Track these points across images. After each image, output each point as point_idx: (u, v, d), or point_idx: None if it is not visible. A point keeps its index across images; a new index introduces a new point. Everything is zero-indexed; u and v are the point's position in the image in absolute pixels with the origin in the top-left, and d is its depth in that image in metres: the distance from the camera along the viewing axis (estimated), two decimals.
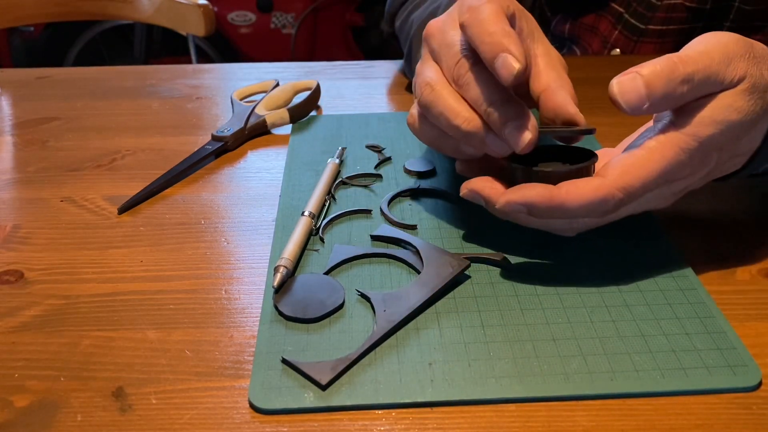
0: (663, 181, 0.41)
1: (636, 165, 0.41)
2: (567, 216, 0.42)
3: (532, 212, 0.42)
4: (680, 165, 0.41)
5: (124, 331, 0.41)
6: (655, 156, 0.41)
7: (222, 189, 0.56)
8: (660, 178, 0.41)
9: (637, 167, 0.41)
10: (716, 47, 0.40)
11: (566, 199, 0.41)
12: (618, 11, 0.84)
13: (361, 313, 0.42)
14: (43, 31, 2.27)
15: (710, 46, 0.40)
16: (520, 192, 0.42)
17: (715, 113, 0.40)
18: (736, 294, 0.44)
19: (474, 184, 0.45)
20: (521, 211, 0.42)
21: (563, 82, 0.46)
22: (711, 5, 0.78)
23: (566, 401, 0.36)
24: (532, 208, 0.41)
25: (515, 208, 0.42)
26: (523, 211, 0.42)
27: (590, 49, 0.88)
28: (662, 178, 0.41)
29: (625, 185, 0.40)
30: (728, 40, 0.41)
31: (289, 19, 2.37)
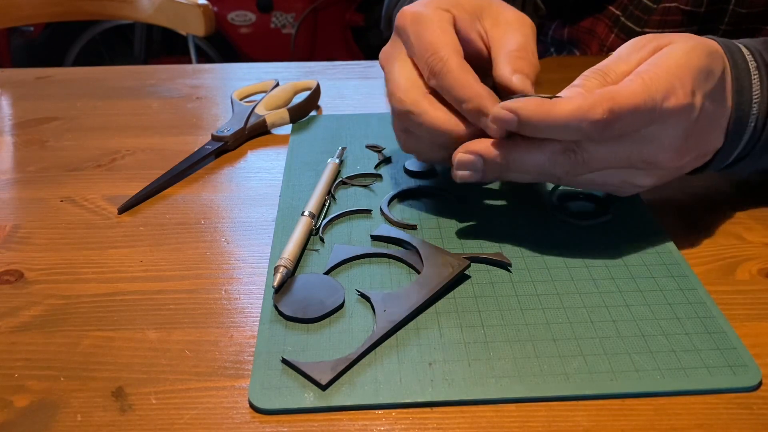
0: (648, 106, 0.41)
1: (623, 85, 0.41)
2: (555, 130, 0.41)
3: (522, 124, 0.41)
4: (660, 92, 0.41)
5: (124, 331, 0.41)
6: (637, 83, 0.41)
7: (222, 189, 0.56)
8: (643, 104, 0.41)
9: (624, 86, 0.41)
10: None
11: (555, 108, 0.41)
12: (614, 14, 0.85)
13: (361, 313, 0.42)
14: (43, 31, 2.27)
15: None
16: (511, 103, 0.42)
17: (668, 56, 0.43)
18: (736, 294, 0.44)
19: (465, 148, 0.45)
20: (512, 120, 0.42)
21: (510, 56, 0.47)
22: (706, 8, 0.79)
23: (566, 401, 0.36)
24: (522, 116, 0.41)
25: (507, 115, 0.42)
26: (514, 120, 0.41)
27: (589, 52, 0.88)
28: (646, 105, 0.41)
29: (612, 97, 0.40)
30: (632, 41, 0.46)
31: (289, 19, 2.37)
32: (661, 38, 0.45)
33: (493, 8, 0.50)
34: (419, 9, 0.48)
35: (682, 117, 0.42)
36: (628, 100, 0.40)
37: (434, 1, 0.49)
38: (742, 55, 0.46)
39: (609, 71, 0.44)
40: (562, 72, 0.77)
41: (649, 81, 0.41)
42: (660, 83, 0.41)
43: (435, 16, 0.48)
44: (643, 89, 0.41)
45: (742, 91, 0.45)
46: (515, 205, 0.52)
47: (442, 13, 0.48)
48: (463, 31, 0.49)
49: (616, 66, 0.44)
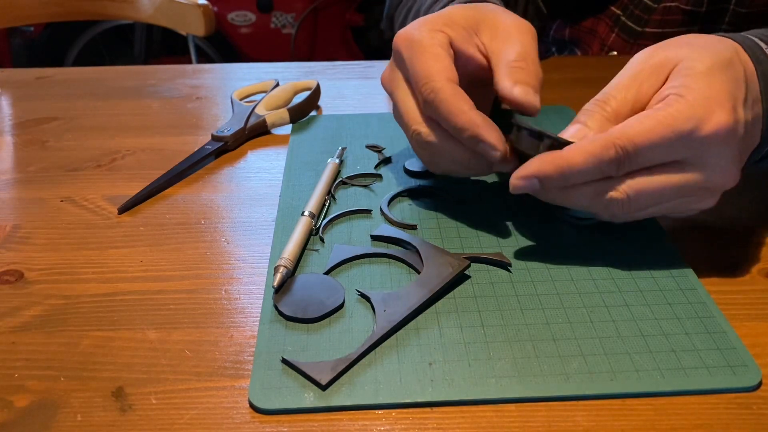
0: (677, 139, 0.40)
1: (640, 119, 0.41)
2: (576, 176, 0.41)
3: (544, 183, 0.42)
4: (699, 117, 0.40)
5: (124, 331, 0.41)
6: (662, 113, 0.40)
7: (222, 189, 0.56)
8: (670, 133, 0.40)
9: (641, 120, 0.41)
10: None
11: (568, 162, 0.41)
12: (615, 14, 0.85)
13: (361, 313, 0.42)
14: (43, 31, 2.27)
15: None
16: (527, 166, 0.42)
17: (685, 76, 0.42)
18: (736, 294, 0.44)
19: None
20: (535, 185, 0.42)
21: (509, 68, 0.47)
22: (706, 8, 0.79)
23: (566, 401, 0.36)
24: (542, 176, 0.42)
25: (529, 182, 0.42)
26: (536, 184, 0.42)
27: (590, 52, 0.88)
28: (673, 134, 0.40)
29: (626, 136, 0.40)
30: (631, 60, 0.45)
31: (289, 19, 2.37)
32: (665, 51, 0.44)
33: (490, 19, 0.49)
34: (413, 33, 0.48)
35: (729, 137, 0.41)
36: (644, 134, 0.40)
37: (429, 21, 0.49)
38: (762, 49, 0.45)
39: (609, 100, 0.43)
40: (563, 72, 0.77)
41: (677, 110, 0.40)
42: (693, 109, 0.40)
43: (428, 41, 0.47)
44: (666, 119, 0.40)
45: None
46: (515, 205, 0.52)
47: (435, 35, 0.48)
48: (461, 49, 0.49)
49: (617, 94, 0.44)
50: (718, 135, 0.40)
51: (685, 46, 0.44)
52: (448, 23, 0.49)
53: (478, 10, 0.50)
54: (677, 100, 0.41)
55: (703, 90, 0.41)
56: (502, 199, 0.53)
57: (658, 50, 0.44)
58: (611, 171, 0.41)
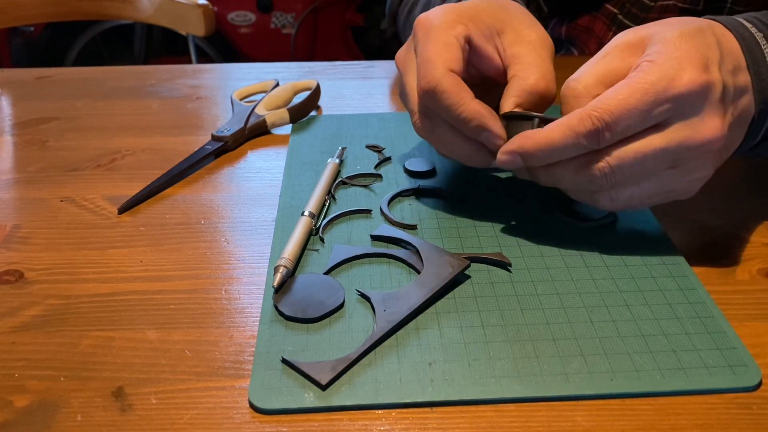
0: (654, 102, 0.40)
1: (614, 89, 0.41)
2: (558, 153, 0.42)
3: (526, 160, 0.44)
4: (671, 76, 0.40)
5: (124, 331, 0.41)
6: (633, 79, 0.41)
7: (222, 189, 0.56)
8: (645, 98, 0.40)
9: (614, 90, 0.41)
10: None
11: (548, 132, 0.42)
12: (612, 12, 0.85)
13: (361, 313, 0.42)
14: (43, 31, 2.27)
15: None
16: (511, 142, 0.44)
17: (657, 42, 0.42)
18: (736, 294, 0.44)
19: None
20: (517, 160, 0.44)
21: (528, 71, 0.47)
22: (703, 6, 0.79)
23: (566, 401, 0.36)
24: (523, 151, 0.43)
25: (511, 157, 0.44)
26: (518, 160, 0.44)
27: (587, 51, 0.88)
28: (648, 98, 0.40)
29: (600, 107, 0.41)
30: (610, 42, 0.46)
31: (289, 19, 2.37)
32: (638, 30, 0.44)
33: (516, 24, 0.49)
34: (433, 19, 0.48)
35: (705, 90, 0.41)
36: (619, 103, 0.40)
37: (455, 10, 0.49)
38: (745, 27, 0.45)
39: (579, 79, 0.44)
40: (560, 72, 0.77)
41: (647, 73, 0.41)
42: (663, 69, 0.41)
43: (443, 29, 0.47)
44: (638, 84, 0.41)
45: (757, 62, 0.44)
46: (516, 205, 0.52)
47: (455, 27, 0.48)
48: (479, 46, 0.49)
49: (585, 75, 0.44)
50: (692, 89, 0.40)
51: (657, 24, 0.44)
52: (473, 17, 0.49)
53: (507, 11, 0.50)
54: (648, 65, 0.41)
55: (671, 52, 0.41)
56: (502, 200, 0.53)
57: (630, 31, 0.45)
58: (592, 144, 0.42)
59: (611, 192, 0.44)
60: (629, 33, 0.45)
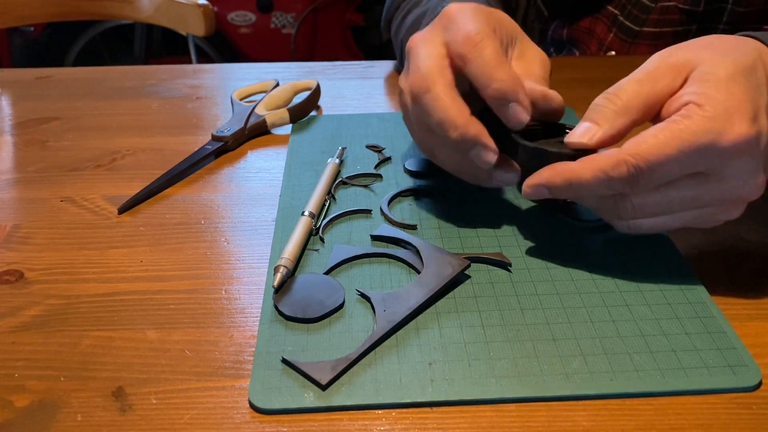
0: (702, 152, 0.38)
1: (654, 134, 0.39)
2: (587, 189, 0.41)
3: (553, 191, 0.43)
4: (718, 129, 0.38)
5: (124, 331, 0.41)
6: (679, 125, 0.39)
7: (222, 189, 0.56)
8: (687, 149, 0.38)
9: (655, 135, 0.39)
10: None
11: (578, 174, 0.41)
12: (613, 13, 0.85)
13: (361, 313, 0.42)
14: (43, 31, 2.27)
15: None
16: (539, 175, 0.43)
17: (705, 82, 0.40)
18: (736, 294, 0.44)
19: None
20: (543, 193, 0.43)
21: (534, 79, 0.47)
22: (704, 7, 0.79)
23: (566, 401, 0.36)
24: (551, 190, 0.43)
25: (538, 190, 0.43)
26: (545, 192, 0.43)
27: (588, 52, 0.89)
28: (690, 149, 0.38)
29: (637, 152, 0.39)
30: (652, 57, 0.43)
31: (289, 19, 2.37)
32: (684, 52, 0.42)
33: (523, 42, 0.50)
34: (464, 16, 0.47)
35: (751, 148, 0.39)
36: (658, 151, 0.39)
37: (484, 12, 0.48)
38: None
39: (620, 93, 0.42)
40: (561, 72, 0.77)
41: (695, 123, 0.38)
42: (712, 122, 0.38)
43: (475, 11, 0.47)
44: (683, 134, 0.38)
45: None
46: (516, 205, 0.52)
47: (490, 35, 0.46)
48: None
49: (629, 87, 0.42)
50: (738, 147, 0.38)
51: (706, 48, 0.42)
52: (498, 23, 0.48)
53: (515, 26, 0.50)
54: (695, 110, 0.39)
55: (722, 100, 0.39)
56: (502, 200, 0.53)
57: (677, 50, 0.43)
58: (624, 189, 0.41)
59: (630, 222, 0.43)
60: (674, 54, 0.42)
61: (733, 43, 0.42)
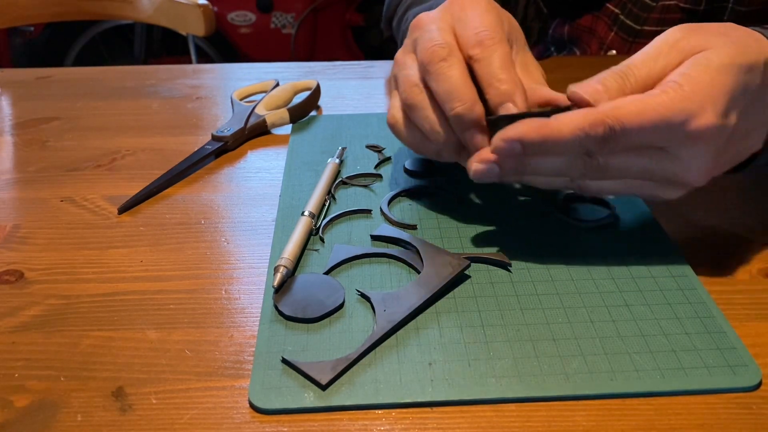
0: (669, 128, 0.39)
1: (633, 101, 0.40)
2: (559, 146, 0.41)
3: (525, 147, 0.41)
4: (688, 113, 0.39)
5: (124, 331, 0.41)
6: (657, 99, 0.40)
7: (222, 189, 0.56)
8: (663, 122, 0.39)
9: (634, 102, 0.40)
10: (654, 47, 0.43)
11: (556, 127, 0.40)
12: (614, 12, 0.85)
13: (361, 313, 0.42)
14: (43, 31, 2.27)
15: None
16: (513, 128, 0.41)
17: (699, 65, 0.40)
18: (736, 294, 0.44)
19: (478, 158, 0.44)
20: (515, 147, 0.41)
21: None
22: (705, 6, 0.79)
23: (566, 401, 0.36)
24: (526, 141, 0.41)
25: (510, 143, 0.41)
26: (518, 147, 0.41)
27: (589, 51, 0.89)
28: (665, 123, 0.39)
29: (617, 115, 0.39)
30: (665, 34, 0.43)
31: (289, 19, 2.37)
32: (697, 37, 0.42)
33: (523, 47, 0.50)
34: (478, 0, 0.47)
35: (711, 139, 0.40)
36: (633, 116, 0.39)
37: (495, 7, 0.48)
38: None
39: (629, 73, 0.42)
40: (562, 72, 0.77)
41: (671, 99, 0.39)
42: (687, 102, 0.39)
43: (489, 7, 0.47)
44: (659, 107, 0.39)
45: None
46: (516, 205, 0.52)
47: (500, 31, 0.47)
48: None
49: (639, 68, 0.42)
50: (700, 133, 0.39)
51: (719, 35, 0.42)
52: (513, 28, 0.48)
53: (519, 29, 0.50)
54: (675, 88, 0.40)
55: (704, 85, 0.40)
56: (502, 200, 0.53)
57: (692, 34, 0.42)
58: (593, 147, 0.41)
59: (581, 182, 0.43)
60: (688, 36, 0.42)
61: (748, 38, 0.42)
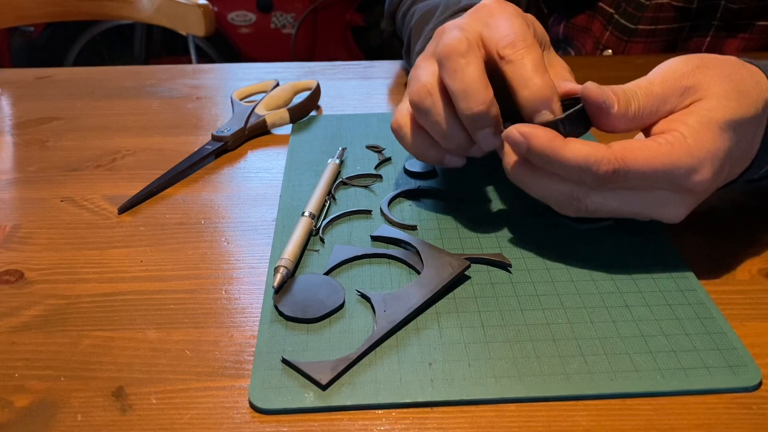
0: (666, 179, 0.41)
1: (641, 147, 0.41)
2: (560, 168, 0.41)
3: (529, 152, 0.42)
4: (688, 169, 0.40)
5: (124, 331, 0.41)
6: (663, 149, 0.40)
7: (222, 189, 0.56)
8: (663, 173, 0.40)
9: (642, 149, 0.41)
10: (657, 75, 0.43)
11: (563, 148, 0.41)
12: (608, 12, 0.85)
13: (361, 313, 0.42)
14: (43, 31, 2.27)
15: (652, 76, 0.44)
16: (529, 127, 0.42)
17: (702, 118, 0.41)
18: (736, 294, 0.44)
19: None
20: (522, 145, 0.42)
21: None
22: (698, 4, 0.79)
23: (566, 401, 0.36)
24: (532, 146, 0.41)
25: (519, 139, 0.42)
26: (524, 146, 0.42)
27: (584, 50, 0.89)
28: (665, 174, 0.40)
29: (623, 158, 0.40)
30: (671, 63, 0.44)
31: (289, 19, 2.37)
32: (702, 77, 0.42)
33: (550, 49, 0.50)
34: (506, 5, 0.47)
35: (702, 192, 0.42)
36: (639, 164, 0.40)
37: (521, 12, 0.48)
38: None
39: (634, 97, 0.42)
40: None
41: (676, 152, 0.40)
42: (689, 158, 0.40)
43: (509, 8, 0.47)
44: (664, 158, 0.40)
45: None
46: (516, 206, 0.52)
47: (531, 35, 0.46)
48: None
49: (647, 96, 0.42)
50: (695, 187, 0.41)
51: (723, 79, 0.42)
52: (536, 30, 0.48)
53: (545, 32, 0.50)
54: (680, 140, 0.40)
55: (706, 142, 0.40)
56: (502, 200, 0.53)
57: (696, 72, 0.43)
58: (594, 184, 0.41)
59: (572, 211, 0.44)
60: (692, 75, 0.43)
61: (750, 80, 0.43)
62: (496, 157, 0.47)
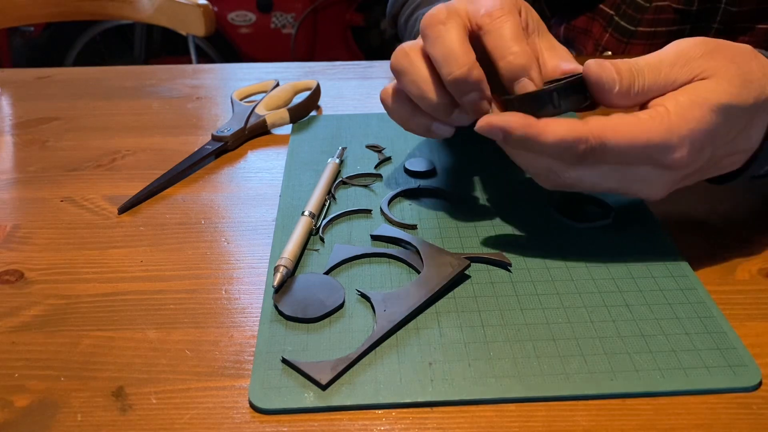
0: (644, 155, 0.40)
1: (621, 123, 0.40)
2: (539, 149, 0.41)
3: (507, 139, 0.42)
4: (666, 146, 0.40)
5: (124, 331, 0.41)
6: (642, 125, 0.40)
7: (222, 189, 0.56)
8: (640, 149, 0.40)
9: (621, 124, 0.40)
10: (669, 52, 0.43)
11: (542, 131, 0.40)
12: (608, 14, 0.85)
13: (361, 313, 0.42)
14: (43, 31, 2.27)
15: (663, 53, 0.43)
16: (502, 116, 0.42)
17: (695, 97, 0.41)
18: (736, 294, 0.44)
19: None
20: (497, 135, 0.42)
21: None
22: (698, 6, 0.79)
23: (566, 401, 0.36)
24: (508, 133, 0.41)
25: (493, 130, 0.42)
26: (499, 136, 0.42)
27: (585, 52, 0.89)
28: (643, 150, 0.40)
29: (601, 135, 0.40)
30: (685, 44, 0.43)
31: (289, 19, 2.37)
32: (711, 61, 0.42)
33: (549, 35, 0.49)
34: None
35: (679, 170, 0.42)
36: (617, 140, 0.40)
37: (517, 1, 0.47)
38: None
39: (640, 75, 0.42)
40: None
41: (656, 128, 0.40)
42: (668, 134, 0.40)
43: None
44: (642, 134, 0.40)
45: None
46: (516, 206, 0.52)
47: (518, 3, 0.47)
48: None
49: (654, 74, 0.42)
50: (672, 165, 0.41)
51: (731, 65, 0.42)
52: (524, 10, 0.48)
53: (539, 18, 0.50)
54: (663, 115, 0.40)
55: (690, 120, 0.40)
56: (502, 200, 0.53)
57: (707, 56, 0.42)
58: (572, 160, 0.41)
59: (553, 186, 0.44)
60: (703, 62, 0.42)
61: (758, 72, 0.42)
62: (496, 156, 0.47)
